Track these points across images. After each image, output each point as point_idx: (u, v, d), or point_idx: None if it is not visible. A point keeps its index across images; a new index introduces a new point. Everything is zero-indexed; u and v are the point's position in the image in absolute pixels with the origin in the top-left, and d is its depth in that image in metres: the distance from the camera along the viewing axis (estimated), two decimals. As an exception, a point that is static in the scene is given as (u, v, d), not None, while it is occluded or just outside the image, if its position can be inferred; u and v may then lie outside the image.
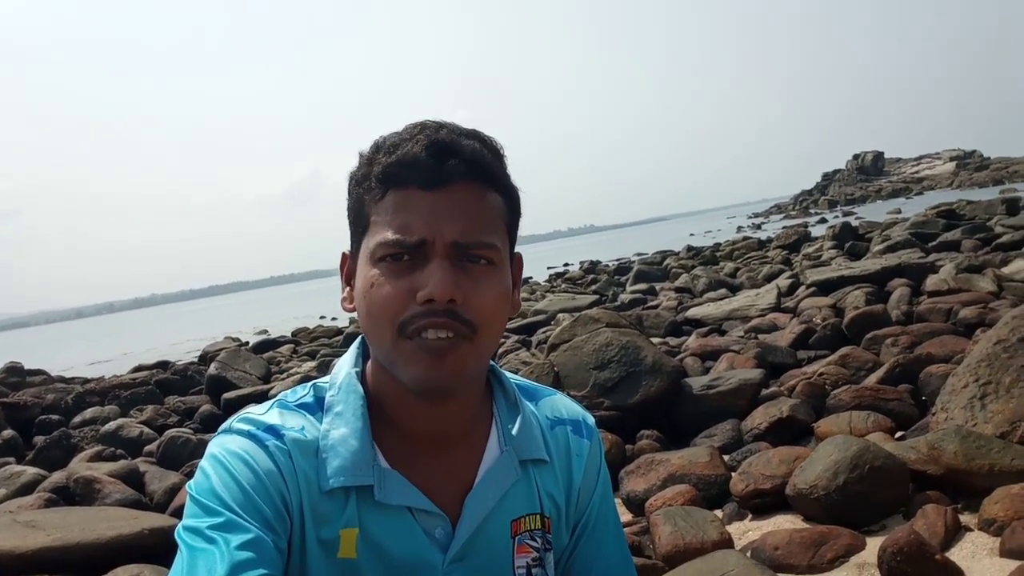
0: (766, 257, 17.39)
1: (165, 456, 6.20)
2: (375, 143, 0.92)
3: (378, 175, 0.89)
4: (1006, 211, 15.07)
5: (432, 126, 0.90)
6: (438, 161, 0.86)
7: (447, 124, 0.90)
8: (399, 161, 0.87)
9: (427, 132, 0.88)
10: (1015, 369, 3.47)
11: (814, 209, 58.97)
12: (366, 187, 0.90)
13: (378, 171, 0.89)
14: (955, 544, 2.81)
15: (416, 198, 0.87)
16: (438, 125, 0.90)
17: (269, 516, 0.84)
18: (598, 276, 20.63)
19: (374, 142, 0.92)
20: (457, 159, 0.87)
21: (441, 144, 0.87)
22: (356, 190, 0.92)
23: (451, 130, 0.89)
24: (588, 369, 5.13)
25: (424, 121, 0.91)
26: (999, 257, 8.92)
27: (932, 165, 78.92)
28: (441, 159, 0.86)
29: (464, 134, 0.90)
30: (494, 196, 0.91)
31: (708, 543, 3.02)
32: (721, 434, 4.58)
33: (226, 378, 8.93)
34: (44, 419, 8.82)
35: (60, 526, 3.79)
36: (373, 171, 0.90)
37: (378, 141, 0.91)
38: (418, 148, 0.87)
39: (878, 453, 3.18)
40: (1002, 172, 54.58)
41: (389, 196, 0.88)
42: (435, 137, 0.88)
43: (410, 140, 0.88)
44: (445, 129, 0.89)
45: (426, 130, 0.89)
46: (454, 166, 0.87)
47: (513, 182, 0.95)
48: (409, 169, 0.87)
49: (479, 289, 0.87)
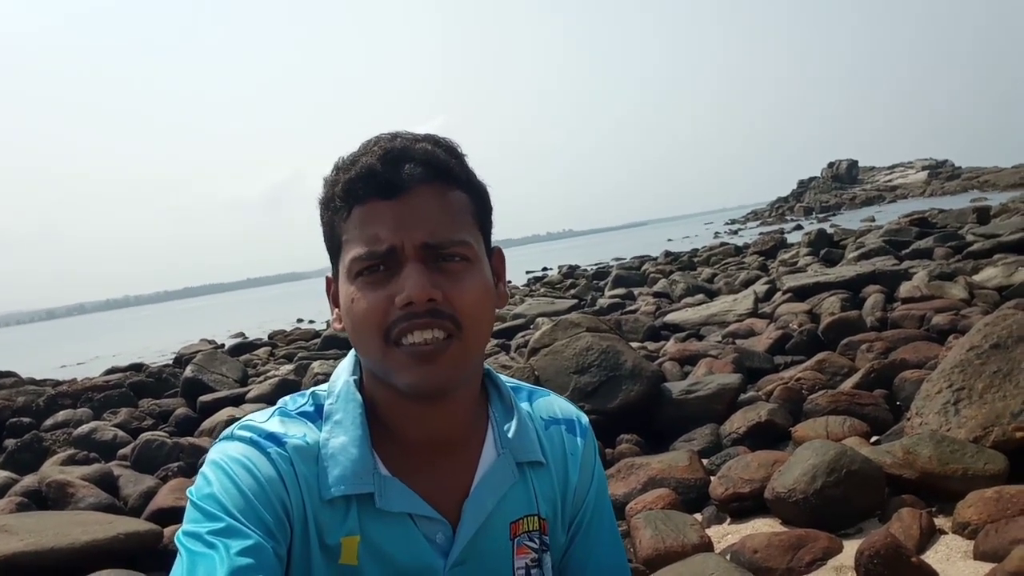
0: (743, 263, 17.55)
1: (140, 459, 6.10)
2: (335, 164, 0.93)
3: (340, 194, 0.91)
4: (977, 220, 15.33)
5: (386, 137, 0.92)
6: (394, 169, 0.88)
7: (401, 133, 0.93)
8: (357, 176, 0.89)
9: (381, 143, 0.91)
10: (988, 375, 3.54)
11: (790, 216, 59.65)
12: (333, 208, 0.92)
13: (339, 190, 0.91)
14: (930, 547, 2.86)
15: (379, 209, 0.88)
16: (392, 135, 0.92)
17: (270, 523, 0.84)
18: (577, 280, 20.69)
19: (334, 163, 0.93)
20: (412, 163, 0.89)
21: (395, 152, 0.89)
22: (326, 213, 0.94)
23: (404, 138, 0.91)
24: (568, 373, 5.14)
25: (379, 135, 0.93)
26: (970, 265, 9.07)
27: (905, 174, 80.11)
28: (397, 166, 0.88)
29: (417, 139, 0.92)
30: (457, 194, 0.92)
31: (688, 547, 3.04)
32: (700, 438, 4.61)
33: (202, 381, 8.79)
34: (15, 422, 8.64)
35: (34, 531, 3.73)
36: (336, 191, 0.91)
37: (337, 162, 0.93)
38: (373, 159, 0.89)
39: (855, 457, 3.22)
40: (973, 181, 55.52)
41: (355, 212, 0.89)
42: (389, 147, 0.89)
43: (365, 154, 0.90)
44: (399, 138, 0.91)
45: (380, 142, 0.91)
46: (410, 171, 0.88)
47: (477, 178, 0.96)
48: (367, 182, 0.88)
49: (458, 285, 0.88)
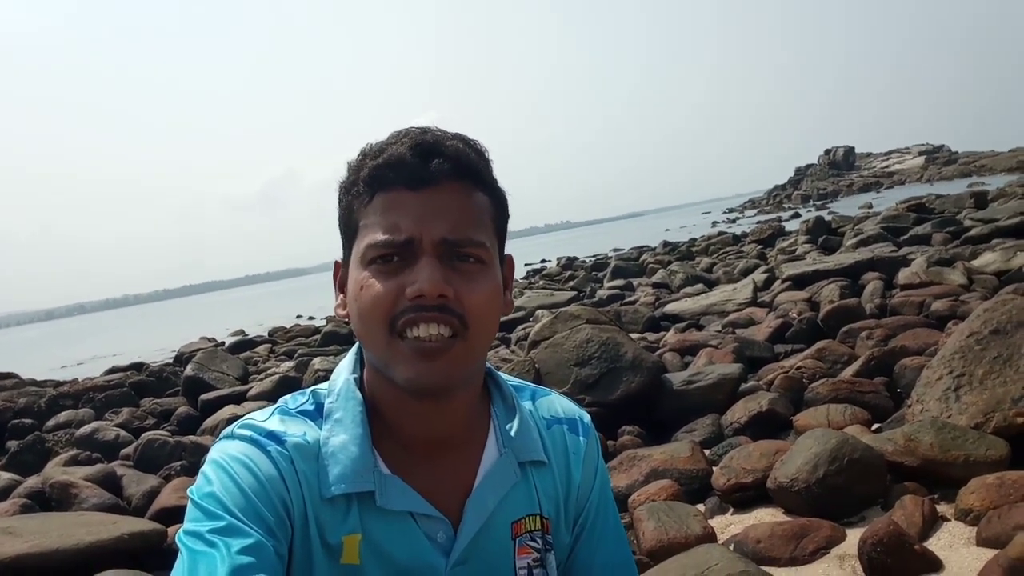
0: (741, 252, 17.56)
1: (142, 459, 6.12)
2: (361, 150, 0.93)
3: (365, 179, 0.90)
4: (974, 205, 15.33)
5: (416, 130, 0.92)
6: (424, 161, 0.88)
7: (431, 128, 0.92)
8: (385, 163, 0.89)
9: (412, 135, 0.90)
10: (988, 361, 3.54)
11: (787, 204, 59.60)
12: (355, 193, 0.92)
13: (365, 175, 0.90)
14: (933, 534, 2.86)
15: (403, 198, 0.88)
16: (422, 129, 0.92)
17: (270, 521, 0.84)
18: (575, 272, 20.69)
19: (360, 150, 0.93)
20: (442, 159, 0.88)
21: (426, 145, 0.89)
22: (345, 197, 0.93)
23: (435, 133, 0.91)
24: (569, 366, 5.14)
25: (409, 127, 0.93)
26: (969, 250, 9.08)
27: (902, 160, 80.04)
28: (426, 159, 0.88)
29: (448, 136, 0.92)
30: (480, 196, 0.92)
31: (692, 537, 3.04)
32: (702, 429, 4.62)
33: (203, 379, 8.80)
34: (17, 423, 8.64)
35: (38, 532, 3.74)
36: (360, 176, 0.91)
37: (364, 148, 0.93)
38: (403, 149, 0.88)
39: (856, 446, 3.23)
40: (970, 166, 55.48)
41: (377, 198, 0.89)
42: (420, 139, 0.89)
43: (395, 143, 0.90)
44: (430, 132, 0.91)
45: (411, 134, 0.91)
46: (439, 166, 0.88)
47: (499, 184, 0.96)
48: (395, 170, 0.88)
49: (470, 286, 0.88)
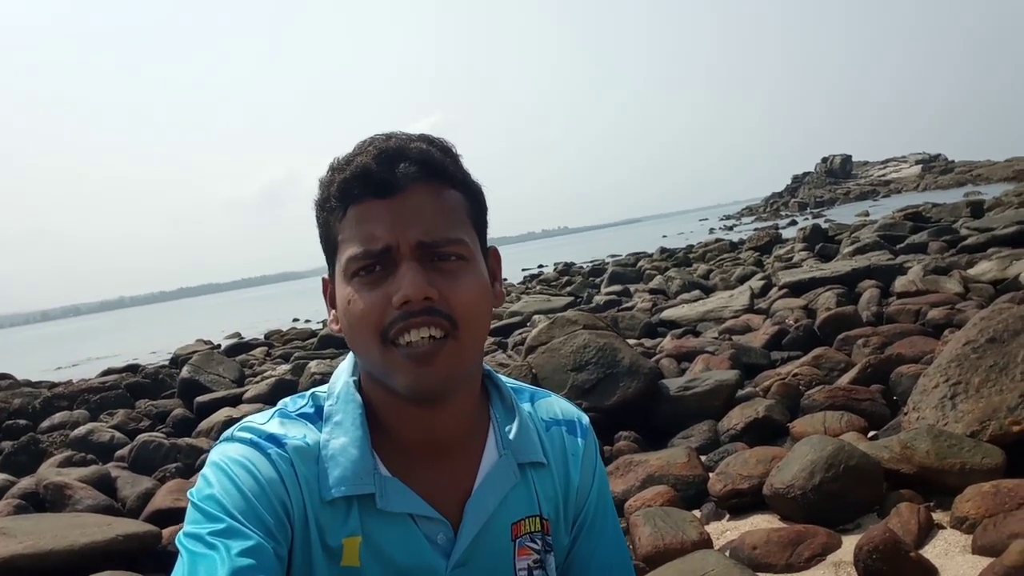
0: (738, 259, 17.58)
1: (137, 461, 6.11)
2: (330, 165, 0.94)
3: (335, 194, 0.91)
4: (971, 213, 15.37)
5: (380, 137, 0.92)
6: (389, 168, 0.88)
7: (395, 133, 0.93)
8: (352, 175, 0.89)
9: (376, 143, 0.91)
10: (984, 369, 3.55)
11: (784, 211, 59.74)
12: (329, 208, 0.92)
13: (335, 190, 0.91)
14: (928, 542, 2.86)
15: (375, 208, 0.88)
16: (386, 135, 0.92)
17: (270, 524, 0.84)
18: (572, 278, 20.68)
19: (329, 164, 0.94)
20: (407, 162, 0.89)
21: (390, 152, 0.89)
22: (322, 214, 0.94)
23: (399, 138, 0.92)
24: (566, 371, 5.14)
25: (373, 135, 0.94)
26: (965, 259, 9.10)
27: (898, 168, 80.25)
28: (392, 166, 0.88)
29: (412, 139, 0.92)
30: (452, 193, 0.92)
31: (688, 543, 3.04)
32: (698, 435, 4.62)
33: (199, 381, 8.78)
34: (11, 424, 8.63)
35: (32, 533, 3.73)
36: (331, 191, 0.92)
37: (332, 162, 0.93)
38: (368, 159, 0.89)
39: (853, 453, 3.23)
40: (966, 175, 55.64)
41: (350, 211, 0.90)
42: (383, 146, 0.90)
43: (360, 154, 0.90)
44: (394, 138, 0.92)
45: (375, 142, 0.91)
46: (405, 170, 0.88)
47: (472, 178, 0.96)
48: (363, 181, 0.89)
49: (455, 284, 0.88)
